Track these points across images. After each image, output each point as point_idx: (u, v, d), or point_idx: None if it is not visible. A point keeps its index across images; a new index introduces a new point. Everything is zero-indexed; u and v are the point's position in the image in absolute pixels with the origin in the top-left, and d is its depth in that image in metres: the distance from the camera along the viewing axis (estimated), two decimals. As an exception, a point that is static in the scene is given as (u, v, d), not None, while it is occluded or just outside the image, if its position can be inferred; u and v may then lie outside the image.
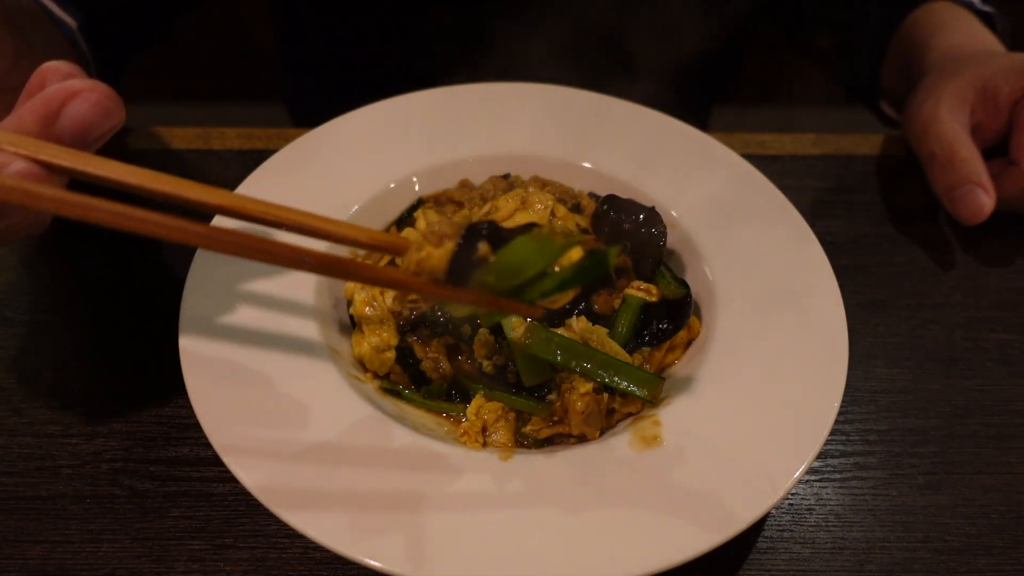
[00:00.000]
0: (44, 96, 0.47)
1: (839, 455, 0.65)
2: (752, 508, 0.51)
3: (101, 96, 0.48)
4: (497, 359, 0.61)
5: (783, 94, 2.10)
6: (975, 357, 0.72)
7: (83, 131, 0.48)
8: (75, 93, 0.47)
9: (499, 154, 0.76)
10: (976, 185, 0.76)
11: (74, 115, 0.47)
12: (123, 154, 0.84)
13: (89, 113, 0.48)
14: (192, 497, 0.60)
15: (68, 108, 0.47)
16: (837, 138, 0.90)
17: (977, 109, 0.81)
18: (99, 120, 0.48)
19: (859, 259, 0.79)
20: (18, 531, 0.57)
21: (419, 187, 0.74)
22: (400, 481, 0.53)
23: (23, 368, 0.67)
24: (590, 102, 0.80)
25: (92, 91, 0.47)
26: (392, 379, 0.63)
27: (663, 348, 0.63)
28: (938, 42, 0.88)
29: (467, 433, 0.58)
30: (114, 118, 0.49)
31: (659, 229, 0.65)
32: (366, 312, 0.63)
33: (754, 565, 0.58)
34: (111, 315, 0.71)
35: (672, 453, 0.55)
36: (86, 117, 0.47)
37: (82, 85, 0.47)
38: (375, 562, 0.48)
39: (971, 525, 0.61)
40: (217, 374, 0.57)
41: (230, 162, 0.83)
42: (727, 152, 0.76)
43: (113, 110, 0.49)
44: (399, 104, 0.78)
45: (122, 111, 0.49)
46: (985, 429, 0.67)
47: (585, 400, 0.57)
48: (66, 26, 0.76)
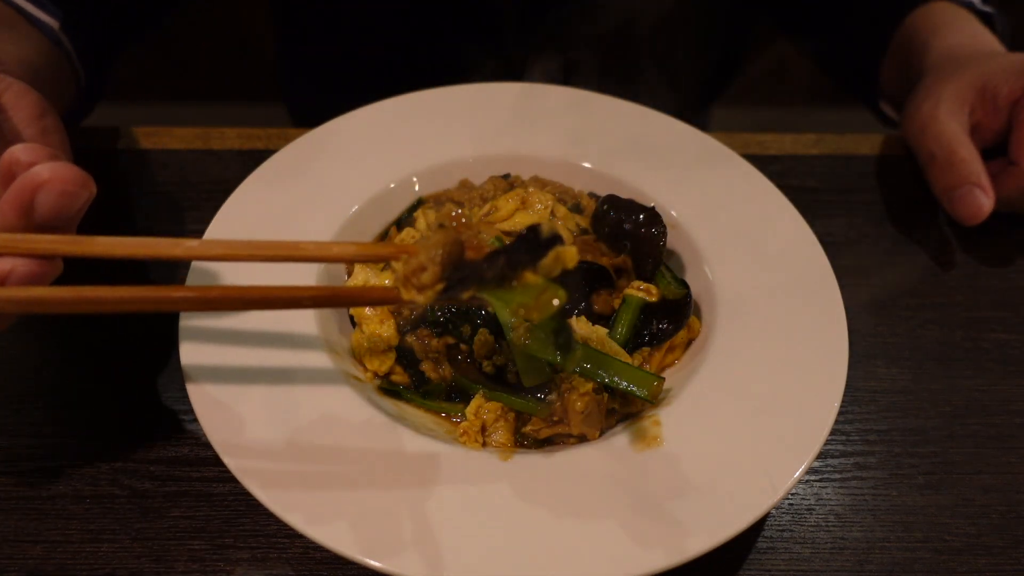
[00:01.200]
0: (17, 189, 0.49)
1: (839, 455, 0.65)
2: (752, 508, 0.51)
3: (64, 184, 0.50)
4: (497, 359, 0.61)
5: (783, 94, 2.10)
6: (975, 357, 0.72)
7: (57, 217, 0.50)
8: (39, 186, 0.49)
9: (499, 154, 0.76)
10: (975, 185, 0.76)
11: (45, 206, 0.50)
12: (124, 155, 0.84)
13: (56, 203, 0.50)
14: (192, 497, 0.60)
15: (36, 202, 0.49)
16: (837, 138, 0.90)
17: (976, 109, 0.81)
18: (68, 205, 0.50)
19: (859, 259, 0.79)
20: (18, 531, 0.57)
21: (419, 187, 0.74)
22: (400, 481, 0.53)
23: (23, 368, 0.67)
24: (590, 102, 0.80)
25: (54, 182, 0.49)
26: (392, 379, 0.63)
27: (663, 348, 0.63)
28: (938, 42, 0.88)
29: (466, 433, 0.58)
30: (80, 198, 0.51)
31: (659, 229, 0.65)
32: (366, 312, 0.63)
33: (754, 565, 0.58)
34: (111, 315, 0.70)
35: (672, 453, 0.55)
36: (55, 206, 0.50)
37: (46, 175, 0.49)
38: (375, 562, 0.48)
39: (971, 525, 0.61)
40: (217, 374, 0.57)
41: (230, 162, 0.83)
42: (727, 152, 0.76)
43: (78, 192, 0.50)
44: (399, 104, 0.78)
45: (90, 186, 0.51)
46: (985, 429, 0.67)
47: (585, 400, 0.57)
48: (46, 27, 0.76)
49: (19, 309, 0.49)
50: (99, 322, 0.70)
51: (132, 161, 0.84)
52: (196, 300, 0.52)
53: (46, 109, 0.60)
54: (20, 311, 0.50)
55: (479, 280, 0.47)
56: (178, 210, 0.79)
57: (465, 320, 0.62)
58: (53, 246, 0.50)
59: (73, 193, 0.50)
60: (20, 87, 0.60)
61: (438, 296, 0.47)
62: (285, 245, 0.51)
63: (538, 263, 0.47)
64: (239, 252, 0.51)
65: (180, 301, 0.52)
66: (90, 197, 0.52)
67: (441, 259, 0.46)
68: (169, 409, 0.64)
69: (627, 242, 0.66)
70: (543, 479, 0.53)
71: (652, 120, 0.79)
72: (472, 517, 0.51)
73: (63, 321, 0.70)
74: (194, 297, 0.52)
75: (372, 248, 0.55)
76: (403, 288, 0.48)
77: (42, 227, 0.50)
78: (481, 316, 0.62)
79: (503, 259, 0.46)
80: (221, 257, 0.53)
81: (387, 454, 0.54)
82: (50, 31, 0.76)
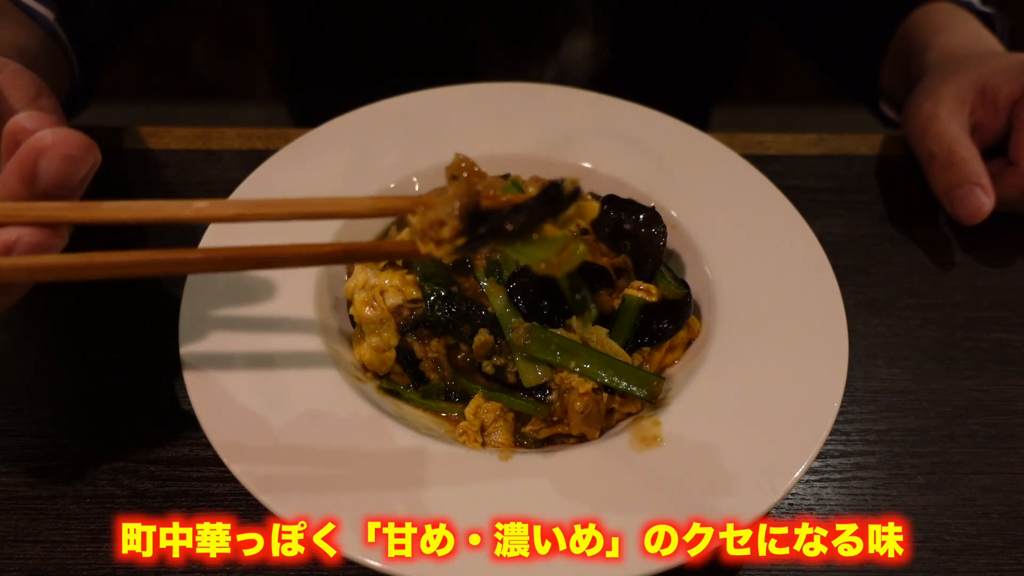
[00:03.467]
0: (19, 157, 0.48)
1: (839, 455, 0.65)
2: (752, 508, 0.51)
3: (67, 148, 0.48)
4: (497, 359, 0.61)
5: (783, 94, 2.10)
6: (975, 357, 0.72)
7: (61, 184, 0.49)
8: (42, 151, 0.48)
9: (499, 154, 0.76)
10: (975, 185, 0.76)
11: (48, 173, 0.48)
12: (124, 154, 0.84)
13: (60, 168, 0.48)
14: (192, 497, 0.60)
15: (39, 168, 0.48)
16: (837, 138, 0.90)
17: (976, 109, 0.81)
18: (72, 171, 0.49)
19: (859, 259, 0.79)
20: (18, 531, 0.57)
21: (419, 187, 0.74)
22: (400, 481, 0.53)
23: (23, 368, 0.67)
24: (590, 102, 0.80)
25: (57, 146, 0.48)
26: (392, 379, 0.63)
27: (663, 348, 0.63)
28: (938, 42, 0.88)
29: (466, 433, 0.58)
30: (85, 163, 0.50)
31: (659, 229, 0.65)
32: (366, 312, 0.63)
33: (754, 565, 0.58)
34: (111, 315, 0.71)
35: (672, 453, 0.55)
36: (59, 173, 0.48)
37: (49, 139, 0.48)
38: (375, 562, 0.48)
39: (971, 525, 0.61)
40: (217, 374, 0.57)
41: (230, 162, 0.83)
42: (727, 152, 0.76)
43: (82, 157, 0.49)
44: (399, 104, 0.78)
45: (94, 152, 0.50)
46: (985, 429, 0.67)
47: (584, 400, 0.57)
48: (43, 18, 0.75)
49: (28, 277, 0.48)
50: (99, 322, 0.70)
51: (132, 161, 0.84)
52: (211, 261, 0.50)
53: (42, 89, 0.59)
54: (29, 279, 0.49)
55: (499, 234, 0.46)
56: (177, 230, 0.79)
57: (465, 320, 0.62)
58: (59, 213, 0.48)
59: (77, 158, 0.49)
60: (15, 67, 0.59)
61: (457, 251, 0.46)
62: (298, 202, 0.50)
63: (559, 216, 0.46)
64: (251, 212, 0.50)
65: (195, 263, 0.50)
66: (95, 164, 0.50)
67: (459, 212, 0.45)
68: (169, 409, 0.64)
69: (627, 242, 0.66)
70: (543, 479, 0.53)
71: (652, 120, 0.79)
72: (472, 517, 0.51)
73: (63, 321, 0.70)
74: (209, 258, 0.50)
75: (389, 201, 0.53)
76: (420, 242, 0.47)
77: (48, 196, 0.49)
78: (481, 316, 0.62)
79: (525, 213, 0.45)
80: (233, 218, 0.51)
81: (387, 454, 0.54)
82: (46, 22, 0.76)
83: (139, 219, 0.50)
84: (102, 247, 0.48)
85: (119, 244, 0.50)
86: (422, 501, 0.51)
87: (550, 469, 0.54)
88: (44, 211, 0.48)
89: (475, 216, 0.46)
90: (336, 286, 0.67)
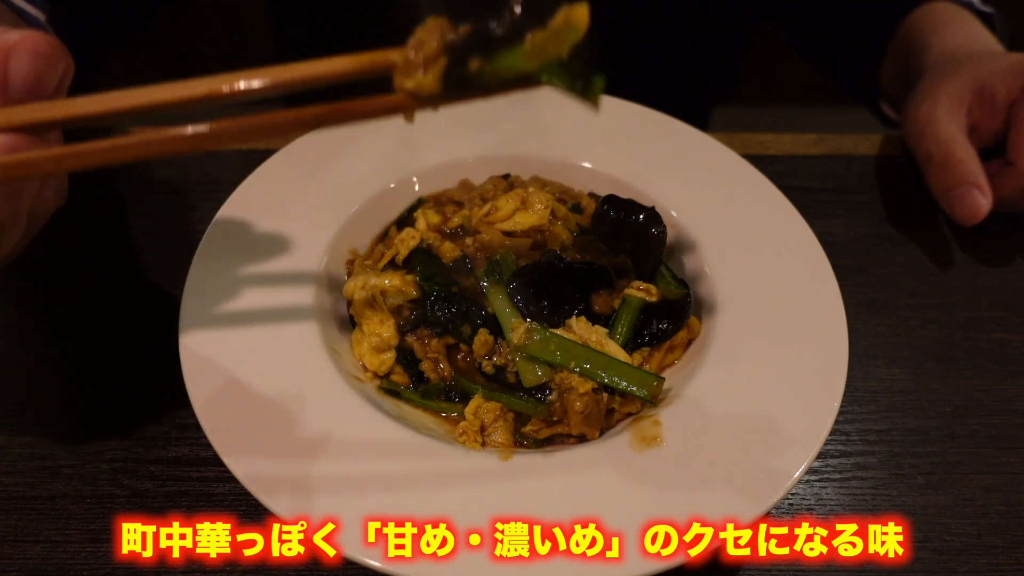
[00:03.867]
0: None
1: (839, 455, 0.65)
2: (752, 508, 0.51)
3: (34, 45, 0.46)
4: (496, 359, 0.61)
5: (783, 94, 2.10)
6: (975, 357, 0.72)
7: (34, 85, 0.47)
8: (8, 50, 0.46)
9: (499, 154, 0.76)
10: (973, 186, 0.76)
11: (19, 73, 0.46)
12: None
13: (31, 66, 0.46)
14: (192, 497, 0.60)
15: (10, 70, 0.46)
16: (837, 138, 0.90)
17: (974, 110, 0.81)
18: (44, 69, 0.47)
19: (859, 259, 0.79)
20: (18, 531, 0.57)
21: (419, 187, 0.74)
22: (400, 481, 0.53)
23: (23, 368, 0.67)
24: (590, 102, 0.80)
25: (23, 42, 0.46)
26: (392, 379, 0.63)
27: (663, 348, 0.63)
28: (937, 42, 0.88)
29: (466, 433, 0.58)
30: (58, 62, 0.47)
31: (659, 229, 0.65)
32: (366, 312, 0.63)
33: (754, 565, 0.58)
34: (111, 315, 0.71)
35: (672, 453, 0.55)
36: (30, 71, 0.46)
37: (14, 38, 0.46)
38: (375, 562, 0.48)
39: (971, 525, 0.61)
40: (217, 374, 0.57)
41: (230, 162, 0.83)
42: (727, 152, 0.76)
43: (52, 55, 0.47)
44: (399, 104, 0.78)
45: (64, 53, 0.48)
46: (985, 429, 0.67)
47: (584, 400, 0.57)
48: (33, 19, 0.75)
49: (5, 176, 0.45)
50: (99, 322, 0.70)
51: (132, 161, 0.84)
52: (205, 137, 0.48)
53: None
54: (7, 178, 0.45)
55: (486, 41, 0.44)
56: (178, 210, 0.79)
57: (465, 320, 0.62)
58: (31, 114, 0.46)
59: (47, 55, 0.46)
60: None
61: (446, 77, 0.44)
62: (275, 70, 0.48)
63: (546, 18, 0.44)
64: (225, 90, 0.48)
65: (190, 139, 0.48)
66: (68, 68, 0.48)
67: (439, 28, 0.44)
68: (169, 409, 0.64)
69: (627, 242, 0.66)
70: (542, 479, 0.53)
71: (652, 120, 0.79)
72: (472, 517, 0.51)
73: (63, 321, 0.70)
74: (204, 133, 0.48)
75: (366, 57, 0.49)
76: (405, 78, 0.45)
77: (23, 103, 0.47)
78: (481, 316, 0.62)
79: (509, 11, 0.44)
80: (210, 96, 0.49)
81: (387, 455, 0.54)
82: (37, 23, 0.76)
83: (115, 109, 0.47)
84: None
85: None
86: (422, 501, 0.51)
87: (550, 469, 0.54)
88: (15, 115, 0.46)
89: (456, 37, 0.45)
90: (336, 285, 0.67)
